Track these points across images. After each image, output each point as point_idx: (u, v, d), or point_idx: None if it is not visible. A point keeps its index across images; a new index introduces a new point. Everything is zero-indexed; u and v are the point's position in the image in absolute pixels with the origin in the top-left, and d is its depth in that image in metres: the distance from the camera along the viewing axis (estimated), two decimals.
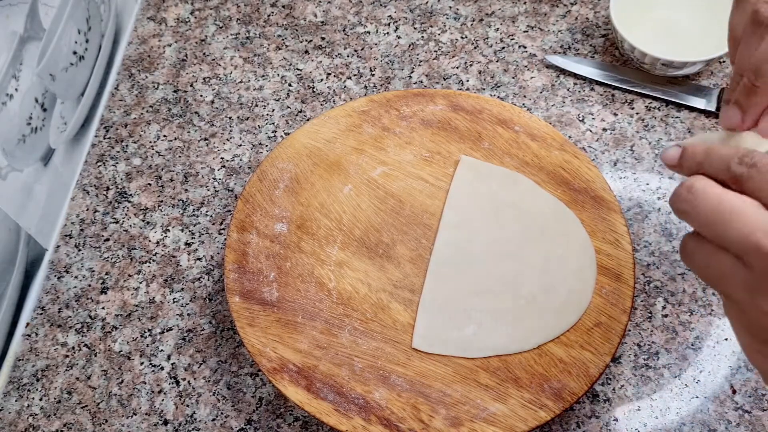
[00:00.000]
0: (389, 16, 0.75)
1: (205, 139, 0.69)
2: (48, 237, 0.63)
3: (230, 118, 0.70)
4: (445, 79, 0.71)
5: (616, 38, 0.68)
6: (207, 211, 0.65)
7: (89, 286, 0.62)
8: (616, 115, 0.67)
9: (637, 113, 0.67)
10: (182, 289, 0.61)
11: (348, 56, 0.73)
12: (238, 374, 0.57)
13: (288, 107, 0.70)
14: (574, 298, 0.54)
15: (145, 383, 0.57)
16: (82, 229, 0.65)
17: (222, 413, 0.56)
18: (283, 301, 0.56)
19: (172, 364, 0.58)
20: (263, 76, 0.72)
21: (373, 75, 0.71)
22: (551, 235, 0.57)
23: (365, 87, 0.71)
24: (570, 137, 0.66)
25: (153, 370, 0.58)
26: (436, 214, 0.59)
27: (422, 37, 0.74)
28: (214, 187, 0.66)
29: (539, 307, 0.54)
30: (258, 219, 0.59)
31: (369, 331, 0.55)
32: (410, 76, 0.71)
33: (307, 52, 0.74)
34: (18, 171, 0.59)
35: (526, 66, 0.71)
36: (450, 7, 0.75)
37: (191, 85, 0.72)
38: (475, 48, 0.72)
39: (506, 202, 0.59)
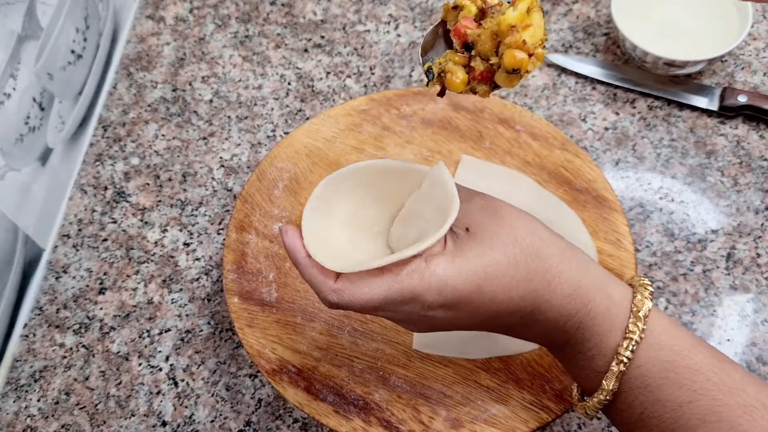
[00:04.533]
0: (389, 14, 0.75)
1: (204, 139, 0.68)
2: (46, 237, 0.63)
3: (229, 117, 0.69)
4: None
5: (618, 37, 0.68)
6: (205, 211, 0.64)
7: (87, 286, 0.61)
8: (617, 114, 0.67)
9: (638, 112, 0.67)
10: (181, 289, 0.61)
11: (348, 55, 0.72)
12: (237, 375, 0.57)
13: (287, 106, 0.70)
14: None
15: (144, 384, 0.57)
16: (80, 229, 0.64)
17: (221, 414, 0.55)
18: (283, 301, 0.56)
19: (171, 365, 0.58)
20: (262, 74, 0.72)
21: (373, 74, 0.71)
22: None
23: (365, 86, 0.70)
24: (571, 136, 0.66)
25: (151, 371, 0.57)
26: None
27: (422, 35, 0.73)
28: (213, 187, 0.66)
29: None
30: (257, 219, 0.59)
31: (369, 332, 0.54)
32: (410, 75, 0.71)
33: (306, 50, 0.73)
34: (16, 170, 0.59)
35: None
36: None
37: (190, 84, 0.72)
38: None
39: (507, 201, 0.59)
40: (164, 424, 0.55)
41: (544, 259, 0.39)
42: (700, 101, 0.66)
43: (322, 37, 0.74)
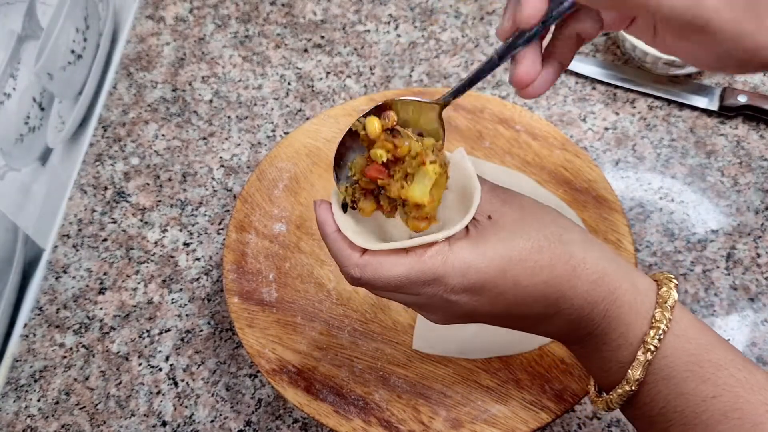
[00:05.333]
0: (389, 14, 0.75)
1: (204, 139, 0.68)
2: (46, 237, 0.63)
3: (229, 117, 0.69)
4: (445, 78, 0.70)
5: (618, 37, 0.68)
6: (205, 211, 0.64)
7: (87, 286, 0.61)
8: (617, 114, 0.67)
9: (638, 112, 0.67)
10: (181, 289, 0.61)
11: (348, 55, 0.72)
12: (236, 375, 0.57)
13: (287, 106, 0.70)
14: None
15: (144, 384, 0.57)
16: (80, 229, 0.64)
17: (221, 414, 0.55)
18: (283, 301, 0.56)
19: (171, 365, 0.58)
20: (262, 74, 0.72)
21: (373, 74, 0.71)
22: None
23: (365, 86, 0.70)
24: (571, 136, 0.66)
25: (151, 371, 0.57)
26: None
27: (423, 35, 0.73)
28: (213, 187, 0.66)
29: None
30: (257, 219, 0.59)
31: (369, 332, 0.54)
32: (410, 75, 0.71)
33: (306, 50, 0.73)
34: (16, 170, 0.59)
35: None
36: (450, 5, 0.75)
37: (190, 84, 0.72)
38: (475, 47, 0.72)
39: None
40: (164, 424, 0.55)
41: (568, 245, 0.39)
42: (700, 101, 0.66)
43: (322, 37, 0.74)
